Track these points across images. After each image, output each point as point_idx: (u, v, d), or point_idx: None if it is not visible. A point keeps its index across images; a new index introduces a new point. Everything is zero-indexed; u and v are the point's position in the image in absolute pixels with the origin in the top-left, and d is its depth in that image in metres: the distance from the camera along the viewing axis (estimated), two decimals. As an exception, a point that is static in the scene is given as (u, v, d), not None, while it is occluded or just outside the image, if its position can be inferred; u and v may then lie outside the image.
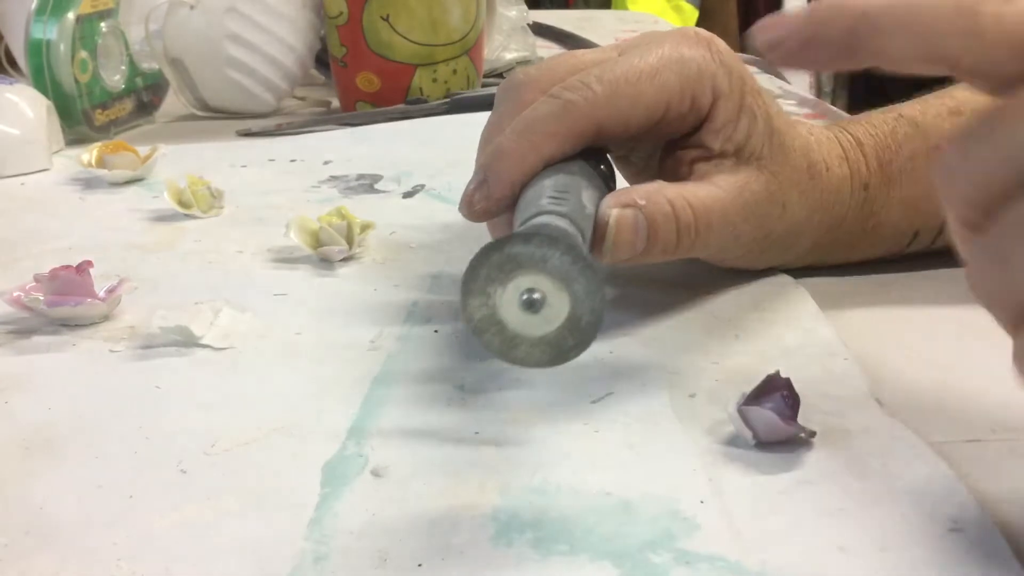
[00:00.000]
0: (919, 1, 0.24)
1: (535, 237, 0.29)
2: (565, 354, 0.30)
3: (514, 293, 0.29)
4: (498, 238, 0.29)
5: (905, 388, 0.34)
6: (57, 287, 0.40)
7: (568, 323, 0.29)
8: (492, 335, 0.30)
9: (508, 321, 0.29)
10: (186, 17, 0.78)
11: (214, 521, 0.28)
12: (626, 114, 0.38)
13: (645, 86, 0.38)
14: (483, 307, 0.29)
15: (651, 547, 0.26)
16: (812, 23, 0.26)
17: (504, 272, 0.29)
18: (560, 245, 0.29)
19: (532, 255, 0.29)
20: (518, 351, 0.30)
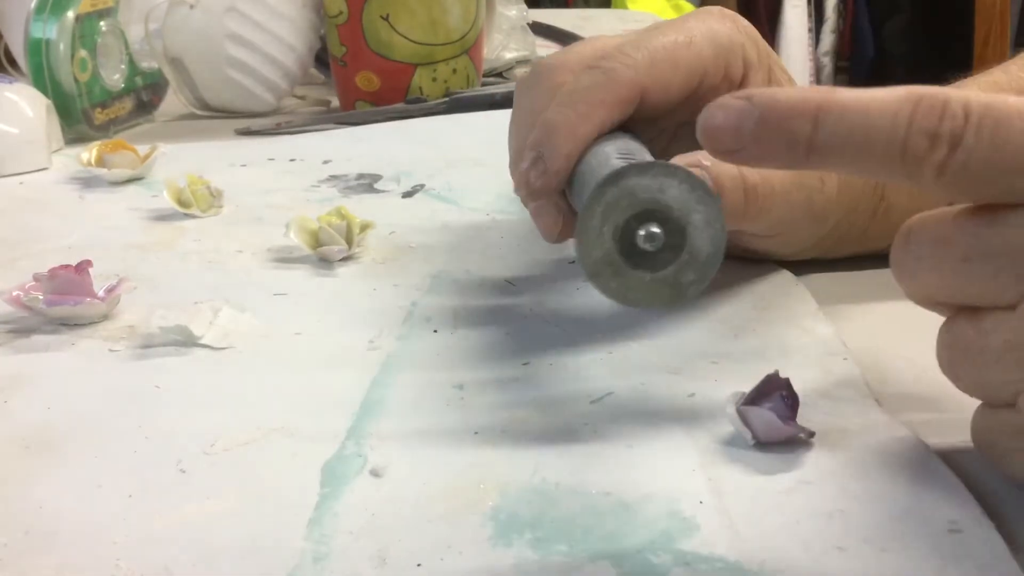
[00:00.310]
0: (869, 104, 0.25)
1: (652, 167, 0.28)
2: (683, 292, 0.29)
3: (631, 229, 0.29)
4: (612, 171, 0.29)
5: (905, 388, 0.34)
6: (56, 286, 0.40)
7: (687, 258, 0.29)
8: (608, 277, 0.29)
9: (625, 261, 0.29)
10: (186, 16, 0.78)
11: (214, 521, 0.28)
12: (667, 79, 0.38)
13: (682, 53, 0.39)
14: (598, 248, 0.29)
15: (650, 547, 0.26)
16: (768, 115, 0.26)
17: (620, 208, 0.28)
18: (678, 174, 0.28)
19: (649, 187, 0.28)
20: (635, 293, 0.29)
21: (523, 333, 0.39)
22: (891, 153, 0.25)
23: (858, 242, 0.44)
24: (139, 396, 0.35)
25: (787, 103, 0.26)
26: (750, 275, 0.42)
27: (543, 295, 0.42)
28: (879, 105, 0.25)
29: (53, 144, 0.68)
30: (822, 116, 0.26)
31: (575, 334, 0.38)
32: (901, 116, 0.25)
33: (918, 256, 0.27)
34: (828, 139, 0.26)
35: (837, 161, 0.26)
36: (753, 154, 0.27)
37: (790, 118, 0.26)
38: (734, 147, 0.27)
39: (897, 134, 0.25)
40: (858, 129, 0.25)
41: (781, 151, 0.26)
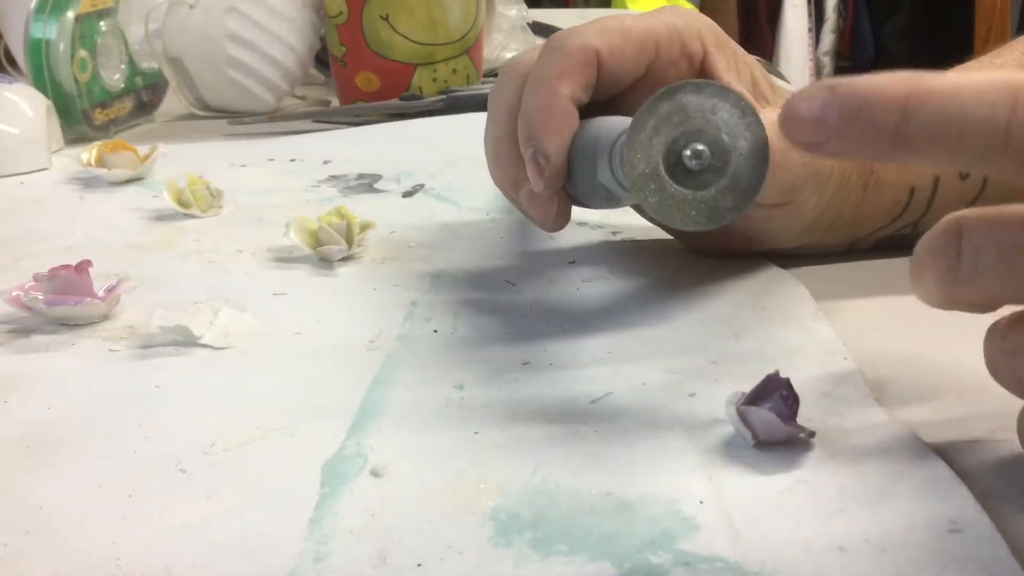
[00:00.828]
0: (963, 93, 0.24)
1: (707, 86, 0.29)
2: (720, 216, 0.29)
3: (678, 146, 0.29)
4: (666, 88, 0.29)
5: (905, 388, 0.34)
6: (56, 286, 0.40)
7: (729, 182, 0.29)
8: (650, 192, 0.29)
9: (669, 177, 0.29)
10: (186, 16, 0.78)
11: (214, 521, 0.28)
12: (619, 45, 0.39)
13: (631, 23, 0.40)
14: (645, 161, 0.29)
15: (651, 547, 0.26)
16: (851, 106, 0.25)
17: (671, 123, 0.29)
18: (730, 97, 0.29)
19: (702, 106, 0.29)
20: (674, 211, 0.29)
21: (523, 333, 0.39)
22: (992, 145, 0.24)
23: (851, 221, 0.44)
24: (139, 396, 0.35)
25: (873, 91, 0.24)
26: (750, 275, 0.42)
27: (543, 295, 0.42)
28: (974, 94, 0.24)
29: (53, 144, 0.68)
30: (912, 105, 0.24)
31: (575, 334, 0.38)
32: (1001, 106, 0.23)
33: (975, 260, 0.25)
34: (919, 131, 0.24)
35: (930, 153, 0.25)
36: (838, 147, 0.25)
37: (876, 107, 0.24)
38: (817, 139, 0.25)
39: (998, 124, 0.23)
40: (953, 120, 0.24)
41: (868, 143, 0.25)
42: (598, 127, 0.36)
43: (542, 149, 0.37)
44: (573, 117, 0.38)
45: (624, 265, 0.45)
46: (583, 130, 0.37)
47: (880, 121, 0.24)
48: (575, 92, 0.38)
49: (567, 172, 0.37)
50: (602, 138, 0.35)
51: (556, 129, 0.37)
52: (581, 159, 0.37)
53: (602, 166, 0.35)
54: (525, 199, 0.39)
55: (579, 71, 0.38)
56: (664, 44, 0.40)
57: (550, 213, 0.39)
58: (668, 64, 0.40)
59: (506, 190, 0.43)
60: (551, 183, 0.37)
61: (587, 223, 0.50)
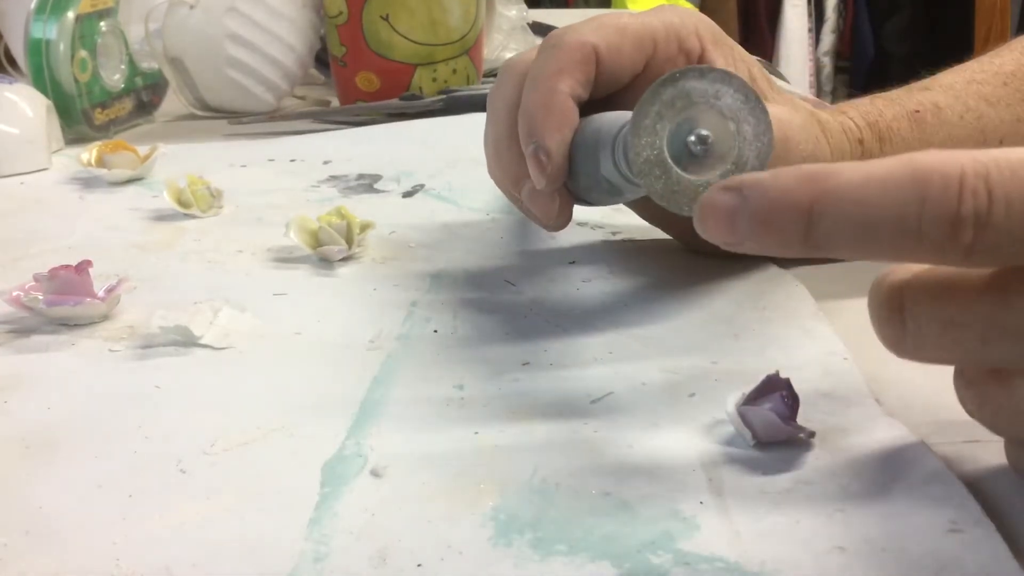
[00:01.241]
0: (868, 191, 0.23)
1: (710, 72, 0.29)
2: None
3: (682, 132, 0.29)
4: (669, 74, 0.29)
5: (905, 388, 0.34)
6: (56, 287, 0.40)
7: (733, 167, 0.29)
8: (655, 178, 0.29)
9: (673, 163, 0.29)
10: (186, 16, 0.78)
11: (214, 521, 0.28)
12: (616, 41, 0.39)
13: (628, 20, 0.40)
14: (649, 147, 0.29)
15: (651, 547, 0.26)
16: (758, 215, 0.25)
17: (675, 109, 0.29)
18: (734, 82, 0.29)
19: (706, 91, 0.29)
20: (679, 196, 0.29)
21: (523, 333, 0.39)
22: (904, 244, 0.23)
23: None
24: (139, 396, 0.35)
25: (777, 197, 0.24)
26: (749, 275, 0.42)
27: (543, 295, 0.42)
28: (880, 193, 0.23)
29: (53, 144, 0.68)
30: (816, 210, 0.24)
31: (575, 334, 0.38)
32: (909, 204, 0.23)
33: (919, 335, 0.25)
34: (825, 236, 0.24)
35: (843, 253, 0.24)
36: (751, 248, 0.25)
37: (782, 214, 0.24)
38: (731, 240, 0.25)
39: (908, 225, 0.23)
40: (858, 222, 0.23)
41: (780, 247, 0.25)
42: (599, 121, 0.36)
43: (543, 145, 0.37)
44: (573, 113, 0.38)
45: (624, 265, 0.45)
46: (584, 126, 0.37)
47: (788, 229, 0.24)
48: (574, 89, 0.38)
49: (568, 168, 0.37)
50: (604, 131, 0.35)
51: (557, 125, 0.37)
52: (583, 154, 0.37)
53: (604, 158, 0.35)
54: (527, 197, 0.39)
55: (578, 68, 0.38)
56: (662, 41, 0.40)
57: (552, 210, 0.39)
58: (666, 61, 0.40)
59: (507, 189, 0.43)
60: (553, 179, 0.37)
61: (587, 223, 0.50)
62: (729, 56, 0.41)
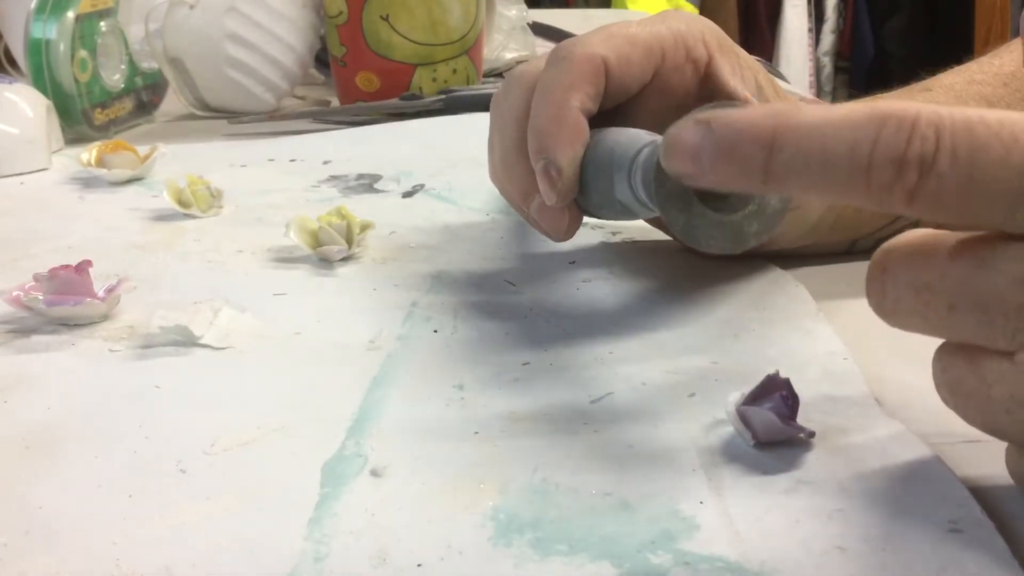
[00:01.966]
0: (826, 128, 0.24)
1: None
2: (745, 239, 0.29)
3: None
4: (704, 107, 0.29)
5: (905, 388, 0.34)
6: (56, 287, 0.40)
7: (756, 207, 0.29)
8: (678, 211, 0.29)
9: (697, 200, 0.29)
10: (186, 17, 0.78)
11: (214, 521, 0.28)
12: (626, 52, 0.39)
13: (636, 30, 0.40)
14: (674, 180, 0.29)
15: (651, 547, 0.26)
16: (722, 143, 0.25)
17: None
18: None
19: None
20: (700, 231, 0.29)
21: (523, 333, 0.39)
22: (854, 181, 0.24)
23: (853, 221, 0.44)
24: (139, 396, 0.35)
25: (743, 128, 0.25)
26: (750, 275, 0.42)
27: (543, 295, 0.42)
28: (837, 129, 0.24)
29: (53, 144, 0.68)
30: (778, 142, 0.24)
31: (575, 334, 0.38)
32: (862, 142, 0.23)
33: (897, 299, 0.25)
34: (784, 167, 0.24)
35: (796, 188, 0.25)
36: (712, 180, 0.26)
37: (745, 144, 0.25)
38: (692, 172, 0.26)
39: (859, 162, 0.23)
40: (815, 156, 0.24)
41: (739, 178, 0.25)
42: (612, 140, 0.36)
43: (554, 162, 0.37)
44: (584, 128, 0.37)
45: (624, 266, 0.45)
46: (595, 142, 0.37)
47: (749, 158, 0.25)
48: (584, 103, 0.38)
49: (579, 184, 0.37)
50: (618, 152, 0.35)
51: (568, 141, 0.37)
52: (594, 172, 0.36)
53: (619, 181, 0.35)
54: (536, 211, 0.39)
55: (588, 81, 0.38)
56: (670, 50, 0.40)
57: (561, 225, 0.39)
58: (674, 70, 0.40)
59: (515, 201, 0.42)
60: (563, 196, 0.37)
61: (587, 223, 0.50)
62: (735, 63, 0.41)
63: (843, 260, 0.45)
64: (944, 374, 0.26)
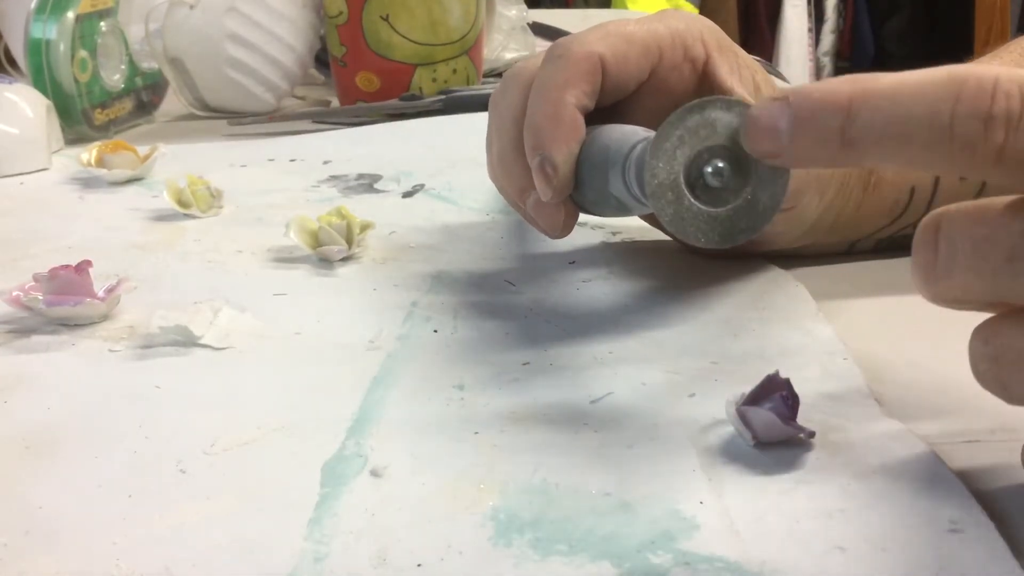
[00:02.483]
0: (903, 91, 0.24)
1: (737, 105, 0.29)
2: (734, 236, 0.29)
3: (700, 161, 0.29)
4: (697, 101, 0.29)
5: (905, 388, 0.34)
6: (56, 287, 0.40)
7: (745, 204, 0.29)
8: (667, 203, 0.29)
9: (687, 190, 0.29)
10: (186, 17, 0.78)
11: (214, 521, 0.28)
12: (623, 50, 0.39)
13: (634, 28, 0.40)
14: (665, 171, 0.29)
15: (651, 547, 0.26)
16: (800, 113, 0.25)
17: (698, 137, 0.29)
18: None
19: (730, 123, 0.29)
20: (688, 224, 0.29)
21: (523, 333, 0.39)
22: (936, 142, 0.23)
23: (852, 221, 0.44)
24: (139, 396, 0.35)
25: (820, 96, 0.25)
26: (750, 275, 0.42)
27: (543, 295, 0.42)
28: (917, 90, 0.24)
29: (53, 144, 0.68)
30: (855, 108, 0.24)
31: (575, 334, 0.38)
32: (944, 100, 0.23)
33: (951, 255, 0.25)
34: (863, 132, 0.24)
35: (877, 153, 0.25)
36: (793, 155, 0.26)
37: (822, 113, 0.25)
38: (774, 150, 0.26)
39: (941, 120, 0.23)
40: (895, 119, 0.24)
41: (818, 149, 0.25)
42: (608, 136, 0.36)
43: (550, 159, 0.37)
44: (580, 125, 0.38)
45: (624, 266, 0.45)
46: (591, 139, 0.37)
47: (826, 126, 0.25)
48: (581, 100, 0.38)
49: (575, 180, 0.37)
50: (613, 148, 0.35)
51: (564, 138, 0.37)
52: (590, 168, 0.37)
53: (614, 177, 0.35)
54: (532, 207, 0.39)
55: (584, 78, 0.38)
56: (667, 48, 0.40)
57: (557, 221, 0.39)
58: (671, 68, 0.40)
59: (512, 198, 0.42)
60: (559, 192, 0.37)
61: (587, 223, 0.50)
62: (733, 63, 0.41)
63: (843, 260, 0.45)
64: (986, 346, 0.26)
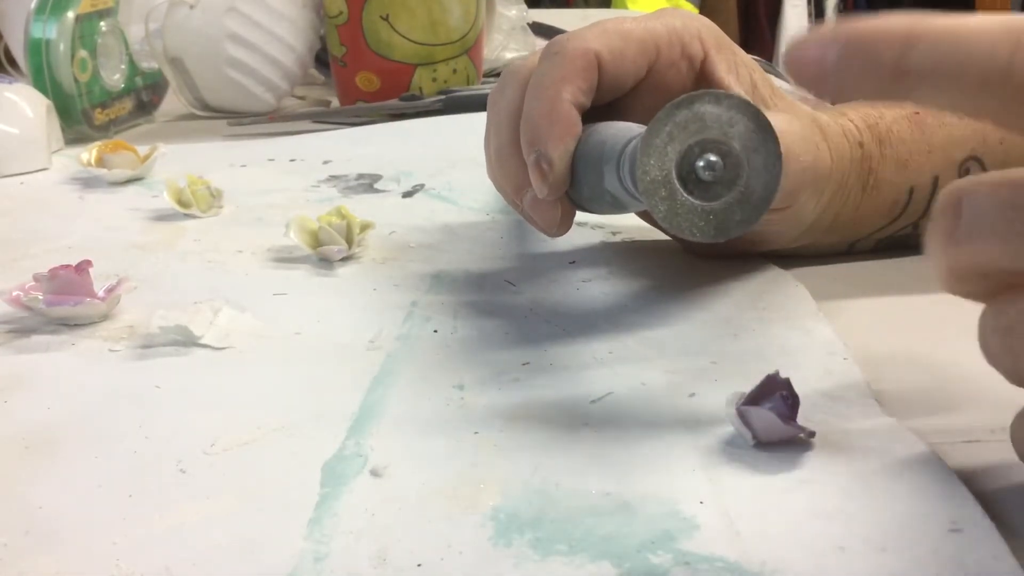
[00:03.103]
0: (962, 30, 0.24)
1: (727, 98, 0.29)
2: (728, 229, 0.29)
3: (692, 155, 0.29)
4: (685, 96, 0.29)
5: (905, 388, 0.34)
6: (56, 286, 0.40)
7: (740, 196, 0.29)
8: (660, 199, 0.29)
9: (680, 186, 0.29)
10: (186, 17, 0.78)
11: (214, 521, 0.28)
12: (619, 47, 0.39)
13: (631, 25, 0.40)
14: (657, 168, 0.29)
15: (650, 547, 0.26)
16: (853, 42, 0.25)
17: (688, 132, 0.29)
18: (749, 111, 0.29)
19: (720, 117, 0.29)
20: (683, 219, 0.29)
21: (523, 333, 0.39)
22: (991, 80, 0.24)
23: (851, 221, 0.44)
24: (139, 396, 0.35)
25: (875, 27, 0.25)
26: (750, 275, 0.42)
27: (543, 295, 0.42)
28: (976, 31, 0.24)
29: (53, 144, 0.68)
30: (913, 40, 0.24)
31: (575, 334, 0.38)
32: (1003, 43, 0.23)
33: (975, 221, 0.24)
34: (919, 64, 0.24)
35: (929, 86, 0.25)
36: (838, 83, 0.25)
37: (877, 42, 0.25)
38: (819, 74, 0.25)
39: (998, 62, 0.23)
40: (953, 54, 0.24)
41: (867, 77, 0.25)
42: (603, 133, 0.36)
43: (545, 155, 0.37)
44: (576, 122, 0.38)
45: (624, 265, 0.45)
46: (587, 136, 0.37)
47: (880, 55, 0.25)
48: (577, 97, 0.38)
49: (571, 178, 0.37)
50: (608, 145, 0.35)
51: (559, 135, 0.37)
52: (585, 165, 0.37)
53: (609, 173, 0.35)
54: (528, 204, 0.39)
55: (580, 75, 0.38)
56: (664, 46, 0.40)
57: (554, 218, 0.39)
58: (669, 66, 0.40)
59: (509, 195, 0.42)
60: (555, 189, 0.37)
61: (587, 223, 0.50)
62: (731, 61, 0.41)
63: (842, 260, 0.45)
64: (999, 317, 0.25)
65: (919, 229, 0.45)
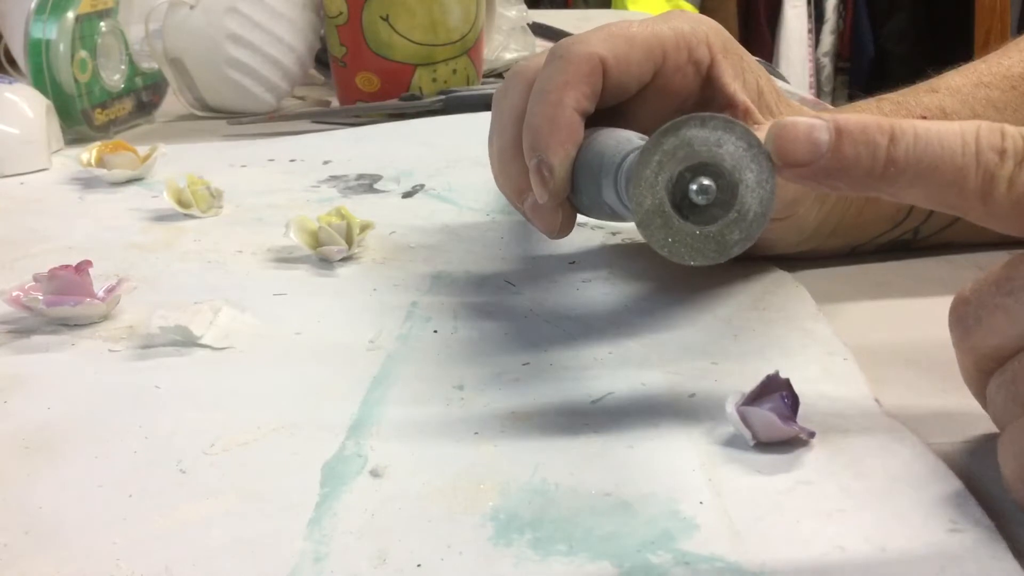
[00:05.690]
0: (940, 146, 0.26)
1: (712, 119, 0.29)
2: (728, 249, 0.29)
3: (684, 181, 0.29)
4: (671, 122, 0.29)
5: (905, 388, 0.34)
6: (56, 287, 0.40)
7: (735, 216, 0.29)
8: (656, 228, 0.29)
9: (675, 213, 0.29)
10: (186, 17, 0.78)
11: (214, 521, 0.28)
12: (625, 52, 0.39)
13: (637, 29, 0.39)
14: (650, 197, 0.29)
15: (650, 547, 0.26)
16: (847, 127, 0.27)
17: (676, 159, 0.29)
18: (736, 129, 0.28)
19: (707, 139, 0.29)
20: (681, 246, 0.29)
21: (523, 333, 0.39)
22: (966, 168, 0.26)
23: (853, 228, 0.44)
24: (139, 396, 0.35)
25: (865, 119, 0.27)
26: (749, 275, 0.42)
27: (543, 295, 0.42)
28: (945, 129, 0.27)
29: (53, 145, 0.68)
30: (897, 134, 0.26)
31: (575, 334, 0.38)
32: (968, 136, 0.26)
33: (980, 300, 0.27)
34: (904, 153, 0.26)
35: (912, 176, 0.27)
36: (829, 167, 0.27)
37: (869, 131, 0.27)
38: (810, 158, 0.27)
39: (969, 150, 0.26)
40: (932, 147, 0.26)
41: (860, 163, 0.27)
42: (603, 143, 0.36)
43: (546, 162, 0.37)
44: (578, 129, 0.37)
45: (624, 266, 0.45)
46: (589, 143, 0.37)
47: (873, 143, 0.26)
48: (580, 102, 0.38)
49: (572, 184, 0.37)
50: (607, 156, 0.35)
51: (561, 141, 0.37)
52: (586, 174, 0.36)
53: (607, 186, 0.35)
54: (530, 209, 0.39)
55: (584, 80, 0.38)
56: (671, 50, 0.39)
57: (555, 223, 0.39)
58: (675, 71, 0.40)
59: (511, 198, 0.42)
60: (555, 195, 0.37)
61: (587, 224, 0.50)
62: (738, 66, 0.40)
63: (843, 262, 0.45)
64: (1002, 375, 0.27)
65: (920, 235, 0.45)
